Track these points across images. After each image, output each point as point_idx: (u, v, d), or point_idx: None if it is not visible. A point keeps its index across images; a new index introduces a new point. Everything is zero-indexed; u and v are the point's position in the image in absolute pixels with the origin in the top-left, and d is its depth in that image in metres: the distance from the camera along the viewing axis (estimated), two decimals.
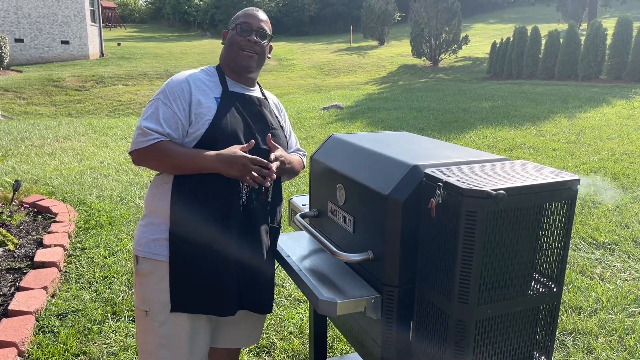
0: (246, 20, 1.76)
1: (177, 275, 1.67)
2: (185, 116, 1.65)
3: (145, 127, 1.62)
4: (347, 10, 38.92)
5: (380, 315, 1.50)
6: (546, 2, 26.65)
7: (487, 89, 13.12)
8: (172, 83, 1.69)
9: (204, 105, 1.67)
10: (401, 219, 1.41)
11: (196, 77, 1.73)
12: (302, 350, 2.72)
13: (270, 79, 19.02)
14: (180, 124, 1.65)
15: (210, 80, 1.76)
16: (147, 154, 1.63)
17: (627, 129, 7.68)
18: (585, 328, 2.85)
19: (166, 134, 1.63)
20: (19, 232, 4.13)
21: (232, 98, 1.74)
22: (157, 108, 1.65)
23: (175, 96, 1.66)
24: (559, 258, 1.39)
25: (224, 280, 1.68)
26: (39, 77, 16.41)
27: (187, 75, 1.72)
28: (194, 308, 1.69)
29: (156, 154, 1.62)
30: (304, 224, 1.84)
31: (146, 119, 1.65)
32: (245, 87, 1.81)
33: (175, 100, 1.65)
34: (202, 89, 1.71)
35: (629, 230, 4.13)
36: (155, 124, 1.62)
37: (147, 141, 1.61)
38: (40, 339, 2.77)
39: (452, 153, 1.65)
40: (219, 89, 1.74)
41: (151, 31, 39.08)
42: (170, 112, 1.64)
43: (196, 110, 1.66)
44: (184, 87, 1.68)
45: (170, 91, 1.67)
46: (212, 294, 1.68)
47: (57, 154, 7.07)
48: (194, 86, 1.69)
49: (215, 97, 1.71)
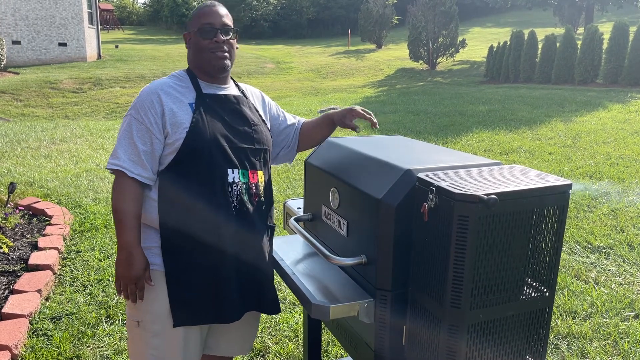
0: (207, 21, 1.69)
1: (175, 288, 1.64)
2: (159, 129, 1.62)
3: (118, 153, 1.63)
4: (345, 13, 39.01)
5: (373, 319, 1.50)
6: (543, 6, 26.73)
7: (484, 93, 13.16)
8: (142, 97, 1.64)
9: (178, 114, 1.63)
10: (394, 223, 1.41)
11: (166, 85, 1.68)
12: (296, 354, 2.71)
13: (267, 81, 19.03)
14: (154, 138, 1.62)
15: (181, 85, 1.71)
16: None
17: (623, 133, 7.71)
18: (580, 332, 2.86)
19: (136, 173, 1.61)
20: (13, 234, 4.12)
21: (207, 101, 1.69)
22: (129, 125, 1.63)
23: (146, 110, 1.62)
24: (551, 262, 1.39)
25: (224, 288, 1.66)
26: (36, 79, 16.38)
27: (156, 85, 1.67)
28: (196, 320, 1.67)
29: (116, 182, 1.64)
30: (298, 228, 1.84)
31: (119, 141, 1.64)
32: (219, 86, 1.77)
33: (147, 115, 1.62)
34: (175, 97, 1.66)
35: (624, 235, 4.14)
36: (126, 156, 1.62)
37: (110, 164, 1.63)
38: (34, 343, 2.75)
39: (445, 157, 1.65)
40: (192, 94, 1.69)
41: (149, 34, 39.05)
42: (144, 128, 1.61)
43: (171, 120, 1.62)
44: (154, 99, 1.63)
45: (140, 106, 1.63)
46: (214, 302, 1.66)
47: (53, 157, 7.05)
48: (164, 96, 1.64)
49: (189, 103, 1.67)
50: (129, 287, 1.61)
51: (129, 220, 1.59)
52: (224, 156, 1.65)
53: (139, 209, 1.62)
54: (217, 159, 1.64)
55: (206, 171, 1.63)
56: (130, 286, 1.61)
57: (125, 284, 1.61)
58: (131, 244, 1.59)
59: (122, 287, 1.62)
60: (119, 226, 1.60)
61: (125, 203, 1.59)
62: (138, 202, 1.62)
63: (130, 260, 1.59)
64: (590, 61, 13.66)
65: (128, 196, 1.60)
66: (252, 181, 1.71)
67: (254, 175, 1.72)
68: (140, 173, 1.61)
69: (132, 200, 1.60)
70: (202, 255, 1.64)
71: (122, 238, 1.59)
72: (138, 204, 1.62)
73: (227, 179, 1.65)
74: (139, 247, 1.61)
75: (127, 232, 1.59)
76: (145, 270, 1.62)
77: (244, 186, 1.68)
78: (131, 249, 1.59)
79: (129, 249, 1.59)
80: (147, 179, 1.63)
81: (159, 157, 1.64)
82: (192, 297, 1.65)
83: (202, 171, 1.63)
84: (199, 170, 1.63)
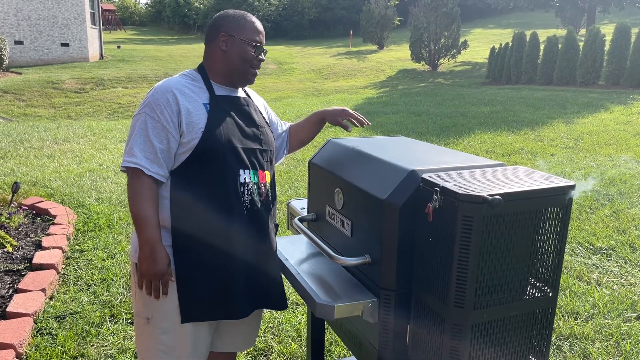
0: (259, 39, 1.74)
1: (185, 285, 1.66)
2: (175, 128, 1.63)
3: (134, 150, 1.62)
4: (346, 14, 39.03)
5: (377, 318, 1.51)
6: (545, 8, 26.74)
7: (486, 94, 13.16)
8: (157, 95, 1.63)
9: (193, 114, 1.64)
10: (398, 224, 1.42)
11: (180, 84, 1.69)
12: (299, 354, 2.72)
13: (269, 82, 19.05)
14: (171, 137, 1.62)
15: (195, 85, 1.72)
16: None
17: (625, 135, 7.72)
18: (582, 333, 2.86)
19: (153, 170, 1.61)
20: (17, 234, 4.14)
21: (221, 102, 1.72)
22: (144, 122, 1.62)
23: (162, 108, 1.62)
24: (555, 263, 1.40)
25: (233, 284, 1.67)
26: (38, 79, 16.42)
27: (170, 84, 1.67)
28: (204, 316, 1.68)
29: (133, 180, 1.63)
30: (302, 228, 1.85)
31: (135, 139, 1.62)
32: (230, 89, 1.79)
33: (163, 113, 1.61)
34: (189, 96, 1.67)
35: (625, 236, 4.15)
36: (142, 154, 1.61)
37: (126, 162, 1.62)
38: (38, 341, 2.77)
39: (449, 158, 1.66)
40: (205, 94, 1.71)
41: (151, 34, 39.12)
42: (160, 126, 1.61)
43: (187, 120, 1.63)
44: (169, 97, 1.63)
45: (156, 104, 1.62)
46: (223, 299, 1.67)
47: (56, 156, 7.07)
48: (180, 95, 1.65)
49: (204, 104, 1.68)
50: (154, 282, 1.62)
51: (149, 217, 1.60)
52: (236, 157, 1.67)
53: (157, 206, 1.64)
54: (231, 160, 1.66)
55: (219, 171, 1.65)
56: (155, 282, 1.62)
57: (149, 280, 1.62)
58: (154, 240, 1.60)
59: (146, 284, 1.63)
60: (140, 223, 1.60)
61: (144, 201, 1.60)
62: (155, 199, 1.63)
63: (154, 256, 1.60)
64: (592, 63, 13.65)
65: (146, 193, 1.61)
66: (261, 181, 1.75)
67: (263, 175, 1.76)
68: (157, 171, 1.62)
69: (150, 198, 1.61)
70: (213, 254, 1.65)
71: (143, 235, 1.60)
72: (156, 201, 1.63)
73: (240, 179, 1.68)
74: (160, 243, 1.62)
75: (148, 229, 1.60)
76: (168, 266, 1.63)
77: (254, 186, 1.71)
78: (154, 245, 1.60)
79: (152, 246, 1.60)
80: (162, 177, 1.64)
81: (174, 155, 1.66)
82: (202, 294, 1.67)
83: (216, 171, 1.65)
84: (213, 170, 1.65)
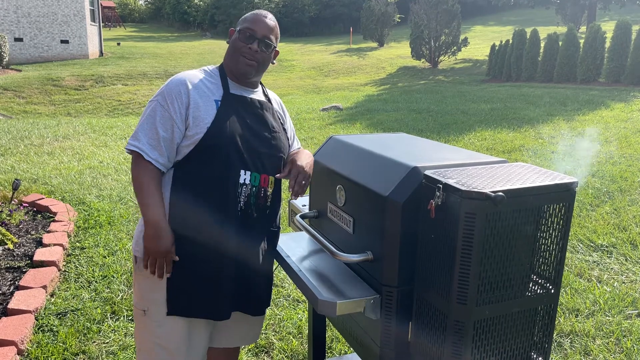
0: (252, 27, 1.71)
1: (174, 279, 1.68)
2: (182, 119, 1.66)
3: (139, 135, 1.67)
4: (347, 11, 38.94)
5: (379, 315, 1.51)
6: (545, 5, 26.68)
7: (486, 91, 13.14)
8: (171, 85, 1.69)
9: (202, 109, 1.67)
10: (401, 220, 1.42)
11: (196, 78, 1.72)
12: (300, 351, 2.73)
13: (270, 79, 19.03)
14: (175, 127, 1.65)
15: (211, 81, 1.74)
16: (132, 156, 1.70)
17: (625, 132, 7.71)
18: (583, 330, 2.87)
19: (154, 157, 1.65)
20: (18, 231, 4.14)
21: (232, 101, 1.72)
22: (154, 110, 1.67)
23: (173, 98, 1.66)
24: (557, 260, 1.40)
25: (220, 285, 1.69)
26: (38, 76, 16.39)
27: (186, 76, 1.71)
28: (189, 312, 1.70)
29: (134, 163, 1.68)
30: (304, 225, 1.85)
31: (142, 124, 1.68)
32: (247, 89, 1.80)
33: (173, 103, 1.66)
34: (202, 91, 1.70)
35: (626, 233, 4.15)
36: (146, 139, 1.66)
37: (130, 145, 1.67)
38: (40, 338, 2.77)
39: (451, 155, 1.66)
40: (220, 92, 1.73)
41: (151, 31, 39.05)
42: (167, 115, 1.65)
43: (194, 114, 1.66)
44: (182, 89, 1.67)
45: (168, 93, 1.67)
46: (208, 298, 1.69)
47: (56, 153, 7.07)
48: (192, 88, 1.68)
49: (215, 100, 1.70)
50: (158, 260, 1.64)
51: (151, 197, 1.63)
52: (239, 157, 1.68)
53: (159, 187, 1.66)
54: (232, 159, 1.66)
55: (220, 168, 1.66)
56: (159, 260, 1.64)
57: (154, 258, 1.64)
58: (158, 219, 1.62)
59: (151, 261, 1.65)
60: (143, 203, 1.63)
61: (145, 182, 1.64)
62: (157, 181, 1.66)
63: (159, 233, 1.62)
64: (593, 60, 13.63)
65: (147, 175, 1.64)
66: (263, 185, 1.74)
67: (266, 180, 1.75)
68: (156, 158, 1.65)
69: (152, 179, 1.64)
70: (203, 249, 1.67)
71: (148, 214, 1.62)
72: (157, 183, 1.66)
73: (239, 179, 1.68)
74: (165, 221, 1.64)
75: (152, 208, 1.62)
76: (173, 245, 1.65)
77: (253, 189, 1.71)
78: (159, 223, 1.62)
79: (156, 224, 1.62)
80: (162, 165, 1.67)
81: (177, 146, 1.68)
82: (189, 289, 1.68)
83: (216, 168, 1.66)
84: (213, 166, 1.66)
